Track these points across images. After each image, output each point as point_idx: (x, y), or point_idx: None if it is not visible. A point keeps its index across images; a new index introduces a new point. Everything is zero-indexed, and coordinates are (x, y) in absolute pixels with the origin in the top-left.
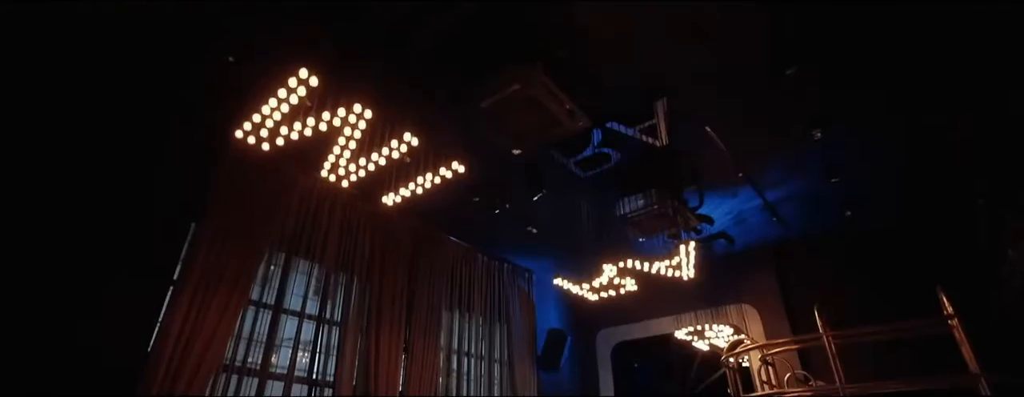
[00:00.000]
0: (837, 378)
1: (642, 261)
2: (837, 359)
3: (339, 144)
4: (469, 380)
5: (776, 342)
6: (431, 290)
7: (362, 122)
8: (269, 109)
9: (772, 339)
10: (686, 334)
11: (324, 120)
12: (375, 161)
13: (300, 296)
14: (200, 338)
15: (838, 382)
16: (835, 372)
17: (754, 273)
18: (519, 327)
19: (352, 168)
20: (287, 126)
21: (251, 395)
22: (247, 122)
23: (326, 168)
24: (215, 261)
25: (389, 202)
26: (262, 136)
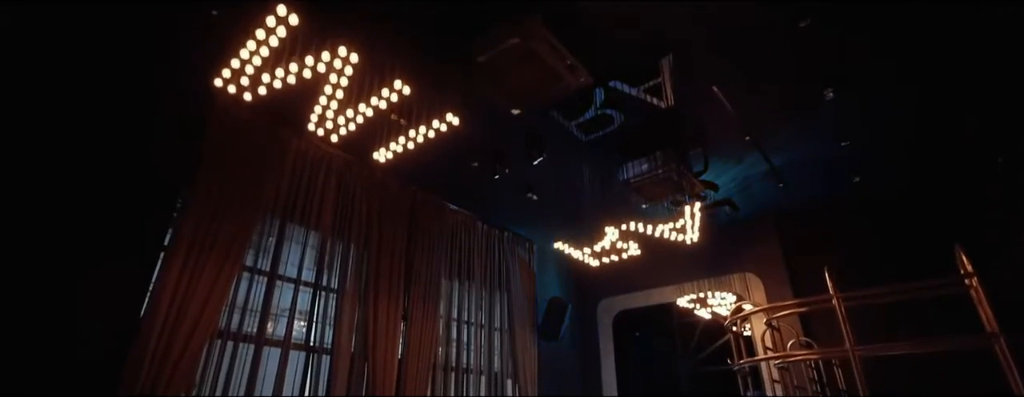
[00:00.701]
0: (847, 340)
1: (645, 224)
2: (847, 322)
3: (325, 93)
4: (469, 349)
5: (782, 304)
6: (430, 258)
7: (348, 68)
8: (248, 53)
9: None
10: (688, 301)
11: (308, 66)
12: (364, 113)
13: (296, 263)
14: (193, 304)
15: (848, 344)
16: (845, 334)
17: (757, 241)
18: (519, 296)
19: (341, 121)
20: (269, 73)
21: (247, 361)
22: (226, 69)
23: (313, 121)
24: (206, 226)
25: (381, 159)
26: (243, 84)
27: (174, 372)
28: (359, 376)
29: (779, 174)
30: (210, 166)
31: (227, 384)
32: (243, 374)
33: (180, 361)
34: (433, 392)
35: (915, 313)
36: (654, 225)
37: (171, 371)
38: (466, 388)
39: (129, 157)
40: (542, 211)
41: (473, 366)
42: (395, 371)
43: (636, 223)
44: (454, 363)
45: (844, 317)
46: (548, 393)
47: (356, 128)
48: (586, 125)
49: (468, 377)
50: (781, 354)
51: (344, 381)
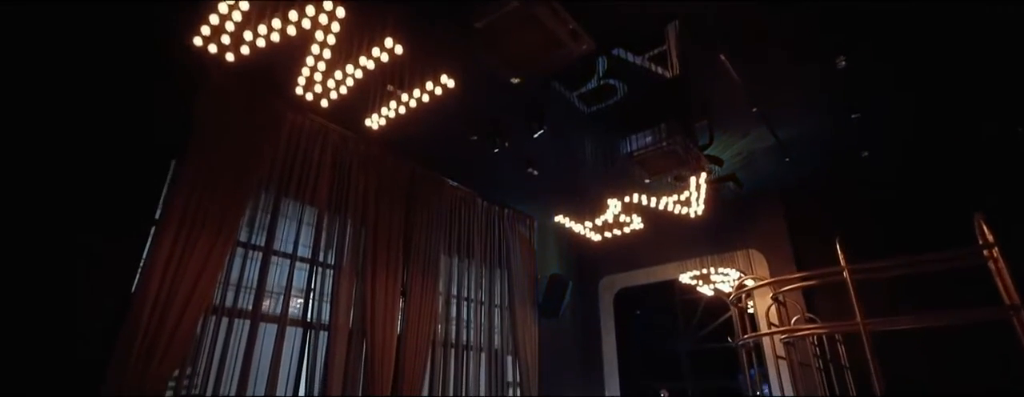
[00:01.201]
0: (858, 314)
1: (649, 196)
2: (857, 295)
3: (313, 53)
4: (469, 326)
5: (789, 277)
6: (429, 234)
7: (335, 24)
8: (227, 6)
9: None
10: (690, 278)
11: (291, 21)
12: (354, 75)
13: (291, 238)
14: (185, 279)
15: (859, 318)
16: (856, 308)
17: (762, 218)
18: (520, 273)
19: (331, 84)
20: (251, 30)
21: (243, 337)
22: (204, 25)
23: (301, 84)
24: (199, 200)
25: (373, 125)
26: (224, 43)
27: (167, 348)
28: (358, 352)
29: (785, 148)
30: (201, 138)
31: (223, 360)
32: (239, 350)
33: (173, 337)
34: (433, 369)
35: (919, 289)
36: (658, 198)
37: (164, 347)
38: (466, 365)
39: (117, 128)
40: (543, 186)
41: (473, 343)
42: (394, 347)
43: (639, 195)
44: (454, 340)
45: (854, 290)
46: (549, 370)
47: (347, 92)
48: (588, 96)
49: (468, 354)
50: (787, 328)
51: (342, 357)
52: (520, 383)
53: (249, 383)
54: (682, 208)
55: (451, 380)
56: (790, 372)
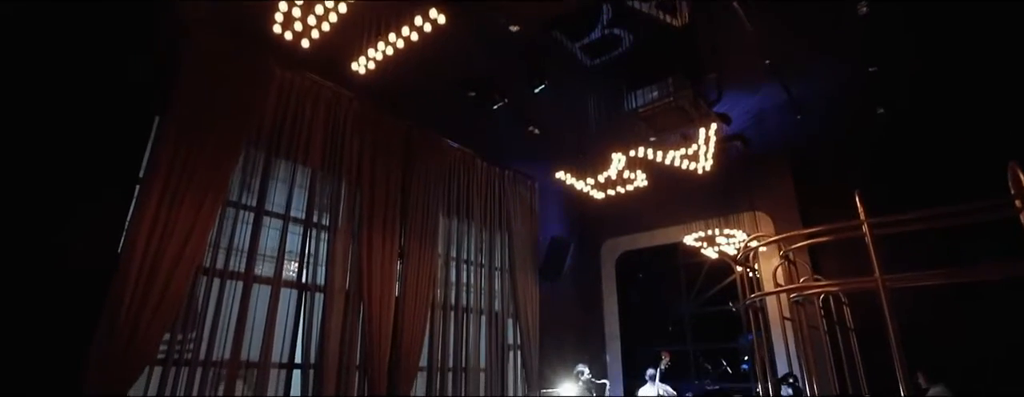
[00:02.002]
0: (876, 269)
1: (655, 150)
2: (876, 250)
3: None
4: (468, 288)
5: (802, 232)
6: (427, 196)
7: None
8: None
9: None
10: (695, 240)
11: None
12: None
13: (283, 199)
14: (174, 238)
15: (877, 273)
16: (874, 264)
17: (769, 179)
18: (520, 235)
19: (311, 22)
20: None
21: (236, 298)
22: None
23: (279, 20)
24: (184, 158)
25: (360, 69)
26: None
27: (157, 309)
28: (355, 314)
29: (797, 104)
30: (185, 93)
31: (215, 321)
32: (232, 312)
33: (163, 298)
34: (432, 331)
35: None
36: (664, 152)
37: (154, 308)
38: (466, 327)
39: (95, 78)
40: (544, 146)
41: (473, 306)
42: (392, 310)
43: (645, 149)
44: (453, 302)
45: (873, 245)
46: (550, 333)
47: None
48: (591, 48)
49: (468, 316)
50: (799, 285)
51: (339, 319)
52: (521, 346)
53: (243, 345)
54: (689, 163)
55: (451, 342)
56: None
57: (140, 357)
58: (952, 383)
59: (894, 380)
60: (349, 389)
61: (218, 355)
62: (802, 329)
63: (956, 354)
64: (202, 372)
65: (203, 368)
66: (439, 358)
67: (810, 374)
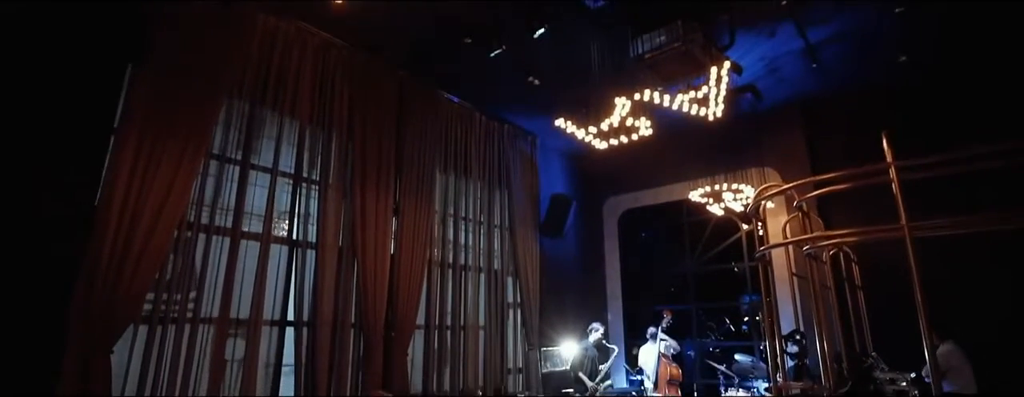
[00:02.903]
0: (902, 217)
1: (662, 93)
2: (903, 196)
3: None
4: (467, 246)
5: (820, 178)
6: (423, 151)
7: None
8: None
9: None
10: (700, 196)
11: None
12: None
13: (271, 153)
14: (153, 192)
15: (904, 220)
16: (900, 211)
17: (780, 133)
18: (520, 192)
19: None
20: None
21: (223, 255)
22: None
23: None
24: (161, 107)
25: None
26: None
27: (138, 265)
28: (349, 271)
29: (814, 51)
30: (162, 38)
31: (202, 279)
32: (219, 269)
33: (143, 253)
34: (429, 289)
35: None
36: (672, 97)
37: (134, 264)
38: (465, 285)
39: (63, 22)
40: (544, 100)
41: (471, 263)
42: (387, 267)
43: (651, 92)
44: (451, 260)
45: (900, 190)
46: (550, 292)
47: None
48: None
49: (466, 274)
50: (815, 235)
51: (332, 275)
52: (521, 304)
53: (232, 303)
54: (698, 109)
55: (449, 300)
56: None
57: (123, 314)
58: (962, 341)
59: (901, 337)
60: (344, 346)
61: (206, 312)
62: (814, 284)
63: (966, 311)
64: (190, 330)
65: (191, 326)
66: (437, 316)
67: (821, 331)
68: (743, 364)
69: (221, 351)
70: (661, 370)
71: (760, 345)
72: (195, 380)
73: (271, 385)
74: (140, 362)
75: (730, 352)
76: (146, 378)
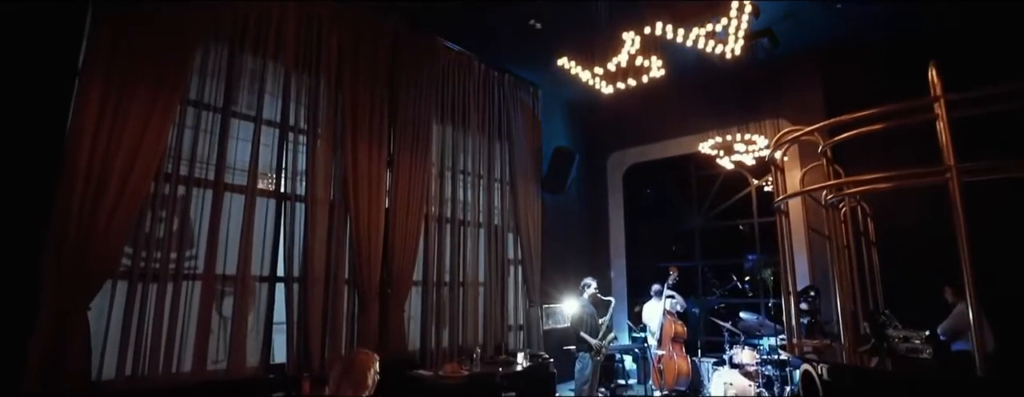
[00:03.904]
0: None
1: (674, 27)
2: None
3: None
4: (465, 200)
5: (848, 117)
6: (418, 100)
7: None
8: None
9: (813, 160)
10: (711, 147)
11: None
12: None
13: (254, 102)
14: (125, 138)
15: (951, 162)
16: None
17: (797, 83)
18: (521, 145)
19: None
20: None
21: (206, 207)
22: None
23: None
24: (129, 49)
25: None
26: None
27: (112, 216)
28: (341, 225)
29: None
30: None
31: (183, 232)
32: (202, 221)
33: (118, 204)
34: (427, 245)
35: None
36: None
37: (108, 214)
38: (463, 241)
39: None
40: (546, 47)
41: (470, 219)
42: (382, 222)
43: (663, 25)
44: (449, 215)
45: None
46: (552, 248)
47: None
48: None
49: (465, 230)
50: (844, 180)
51: (324, 230)
52: (522, 261)
53: (218, 259)
54: (714, 46)
55: (448, 257)
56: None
57: (99, 269)
58: (982, 299)
59: (912, 295)
60: (338, 303)
61: (190, 268)
62: (835, 235)
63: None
64: (174, 286)
65: (174, 282)
66: (435, 272)
67: (841, 286)
68: (749, 322)
69: (208, 308)
70: (666, 327)
71: (769, 302)
72: (181, 338)
73: (262, 343)
74: (121, 320)
75: (735, 310)
76: (128, 336)
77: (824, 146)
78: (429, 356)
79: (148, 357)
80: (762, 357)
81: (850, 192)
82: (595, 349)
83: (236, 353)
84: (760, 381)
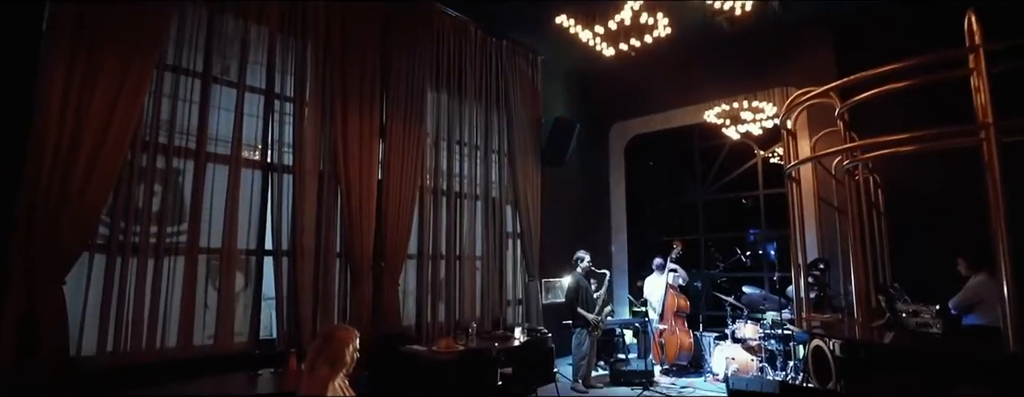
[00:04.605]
0: (987, 114)
1: None
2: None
3: None
4: (462, 172)
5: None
6: (412, 67)
7: None
8: None
9: (823, 128)
10: (717, 116)
11: None
12: None
13: (235, 66)
14: (97, 103)
15: (989, 117)
16: (986, 106)
17: (807, 50)
18: (521, 115)
19: None
20: None
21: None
22: None
23: None
24: (96, 10)
25: None
26: None
27: (85, 187)
28: (331, 197)
29: None
30: None
31: (163, 203)
32: (184, 191)
33: (91, 174)
34: (421, 217)
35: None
36: None
37: (81, 185)
38: (460, 214)
39: None
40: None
41: (467, 191)
42: (374, 193)
43: None
44: (445, 187)
45: (986, 81)
46: (552, 221)
47: None
48: None
49: (462, 202)
50: (867, 142)
51: (313, 202)
52: (521, 234)
53: (201, 231)
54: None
55: (443, 230)
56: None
57: (73, 241)
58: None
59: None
60: (329, 277)
61: (173, 241)
62: (851, 203)
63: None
64: (156, 259)
65: (156, 255)
66: (430, 246)
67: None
68: (753, 296)
69: (192, 282)
70: (668, 302)
71: (773, 276)
72: (165, 313)
73: (251, 318)
74: (100, 294)
75: (738, 284)
76: (109, 311)
77: (841, 108)
78: (425, 331)
79: (131, 332)
80: (765, 331)
81: (868, 157)
82: (592, 324)
83: (223, 328)
84: (763, 356)
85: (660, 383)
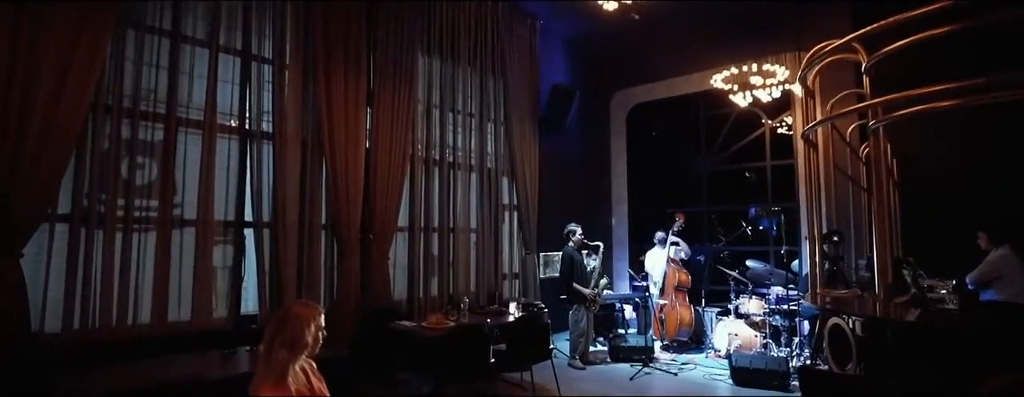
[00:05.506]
0: None
1: None
2: None
3: None
4: (455, 140)
5: (905, 15)
6: (401, 29)
7: None
8: None
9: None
10: (724, 81)
11: None
12: None
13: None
14: (47, 63)
15: None
16: None
17: (820, 12)
18: (518, 82)
19: None
20: None
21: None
22: None
23: None
24: None
25: None
26: None
27: (39, 153)
28: (316, 166)
29: None
30: None
31: (131, 174)
32: (151, 161)
33: (45, 139)
34: (413, 188)
35: None
36: None
37: (33, 150)
38: (453, 185)
39: None
40: None
41: (462, 161)
42: (361, 162)
43: None
44: (438, 157)
45: None
46: (551, 193)
47: None
48: None
49: (456, 172)
50: (899, 95)
51: (296, 171)
52: (518, 206)
53: (175, 201)
54: None
55: (436, 201)
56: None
57: (28, 212)
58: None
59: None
60: (314, 250)
61: (143, 212)
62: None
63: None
64: (124, 231)
65: (125, 226)
66: (422, 218)
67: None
68: (758, 270)
69: (165, 255)
70: (669, 275)
71: (780, 250)
72: (136, 288)
73: (230, 294)
74: (63, 268)
75: (741, 258)
76: (74, 286)
77: (869, 62)
78: (417, 306)
79: (98, 308)
80: (770, 307)
81: (899, 115)
82: (589, 299)
83: (200, 303)
84: (767, 331)
85: (660, 359)
